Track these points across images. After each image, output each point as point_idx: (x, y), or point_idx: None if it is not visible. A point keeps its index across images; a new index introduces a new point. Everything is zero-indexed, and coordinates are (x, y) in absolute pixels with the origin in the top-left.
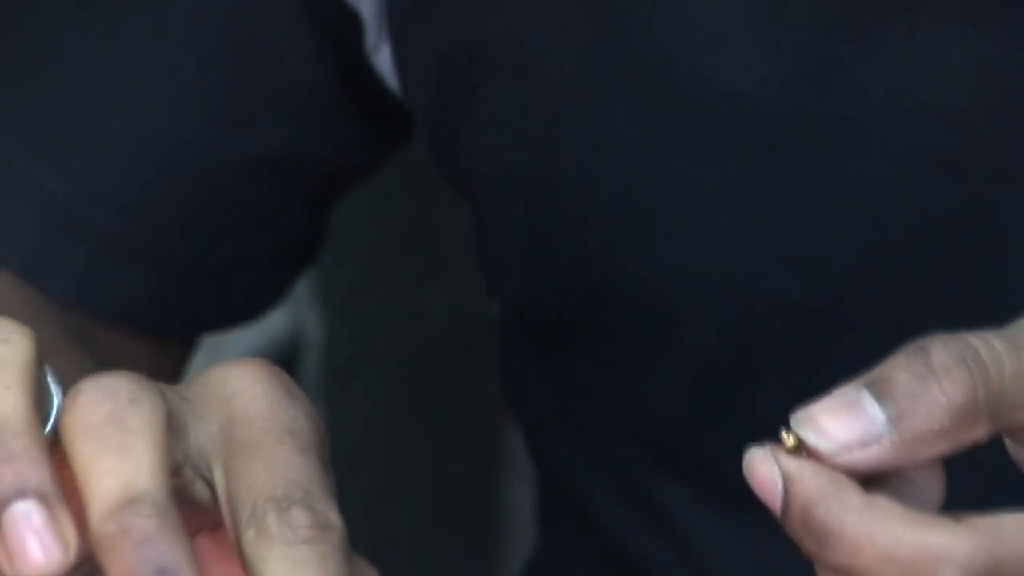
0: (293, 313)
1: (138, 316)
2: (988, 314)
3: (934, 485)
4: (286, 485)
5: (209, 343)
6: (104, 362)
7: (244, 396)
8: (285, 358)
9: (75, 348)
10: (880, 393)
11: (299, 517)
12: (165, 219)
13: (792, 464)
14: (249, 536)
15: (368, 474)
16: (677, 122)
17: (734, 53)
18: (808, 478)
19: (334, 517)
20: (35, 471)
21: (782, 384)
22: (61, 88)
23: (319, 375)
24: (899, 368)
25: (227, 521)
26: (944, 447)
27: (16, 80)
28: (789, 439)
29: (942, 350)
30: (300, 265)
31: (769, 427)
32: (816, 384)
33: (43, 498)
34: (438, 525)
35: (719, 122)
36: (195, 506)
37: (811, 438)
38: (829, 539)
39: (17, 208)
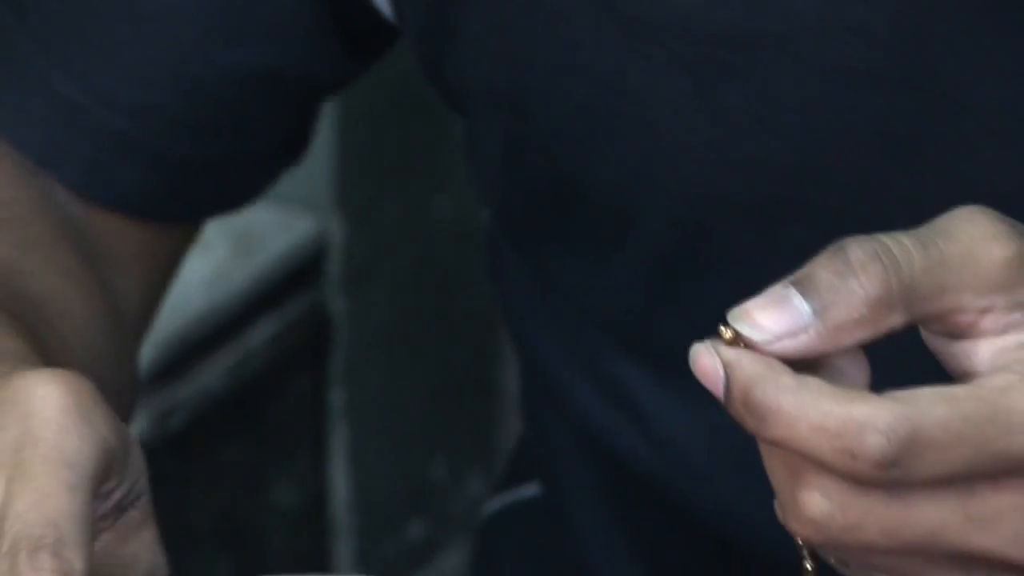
0: (318, 219)
1: (135, 204)
2: (905, 211)
3: (860, 373)
4: (44, 525)
5: (243, 243)
6: (102, 251)
7: (38, 417)
8: (311, 259)
9: (58, 244)
10: (805, 289)
11: (45, 561)
12: (164, 121)
13: (731, 354)
14: (2, 567)
15: (382, 362)
16: (634, 38)
17: None
18: (746, 364)
19: (78, 564)
20: None
21: (727, 273)
22: (79, 3)
23: (341, 274)
24: (821, 266)
25: None
26: (864, 334)
27: None
28: (727, 333)
29: (858, 249)
30: (282, 164)
31: (716, 312)
32: (756, 272)
33: None
34: (443, 406)
35: (670, 38)
36: None
37: (746, 331)
38: (767, 416)
39: (36, 106)
